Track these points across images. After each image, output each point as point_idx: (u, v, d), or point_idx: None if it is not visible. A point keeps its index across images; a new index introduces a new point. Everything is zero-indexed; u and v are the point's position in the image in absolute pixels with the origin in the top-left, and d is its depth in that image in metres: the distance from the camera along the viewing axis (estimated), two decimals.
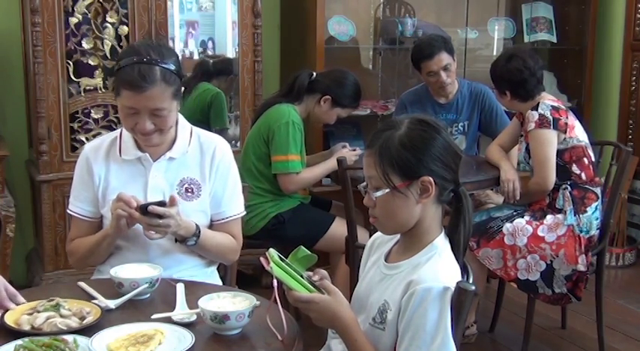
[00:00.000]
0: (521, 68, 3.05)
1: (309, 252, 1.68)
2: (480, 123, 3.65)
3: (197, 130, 2.24)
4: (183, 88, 2.11)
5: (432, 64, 3.44)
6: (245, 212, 2.29)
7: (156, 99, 2.00)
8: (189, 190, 2.15)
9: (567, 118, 3.05)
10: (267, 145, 3.16)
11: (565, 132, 3.02)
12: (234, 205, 2.23)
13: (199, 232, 2.07)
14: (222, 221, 2.21)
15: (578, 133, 3.06)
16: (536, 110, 3.03)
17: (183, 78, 2.11)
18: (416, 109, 3.59)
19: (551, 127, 3.00)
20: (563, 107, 3.09)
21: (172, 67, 2.03)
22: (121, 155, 2.15)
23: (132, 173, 2.15)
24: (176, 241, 2.09)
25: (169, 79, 2.01)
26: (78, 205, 2.17)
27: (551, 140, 3.01)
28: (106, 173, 2.15)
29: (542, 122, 3.00)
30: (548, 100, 3.08)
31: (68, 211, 2.21)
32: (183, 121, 2.20)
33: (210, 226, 2.20)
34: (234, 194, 2.23)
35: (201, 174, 2.17)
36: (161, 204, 1.98)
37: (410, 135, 1.60)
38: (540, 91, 3.11)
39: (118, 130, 2.20)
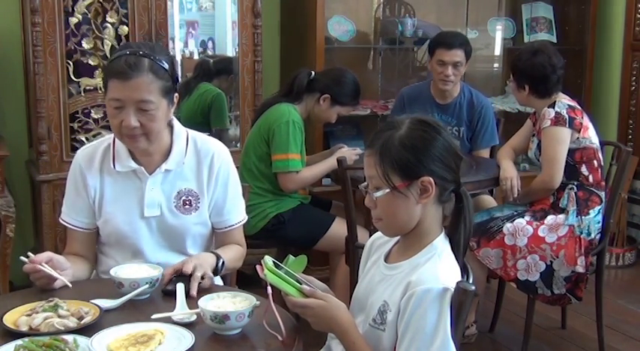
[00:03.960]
0: (546, 64, 3.05)
1: (294, 257, 1.69)
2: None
3: (193, 134, 2.16)
4: (177, 95, 2.03)
5: (446, 55, 3.45)
6: (247, 218, 2.27)
7: (142, 89, 1.92)
8: (187, 203, 2.10)
9: (582, 118, 3.05)
10: (268, 144, 3.16)
11: (579, 131, 3.02)
12: (237, 213, 2.21)
13: (220, 257, 2.04)
14: (226, 229, 2.20)
15: (591, 135, 3.06)
16: (553, 108, 3.03)
17: (177, 81, 2.03)
18: (414, 105, 3.59)
19: (567, 125, 2.99)
20: (579, 107, 3.09)
21: (164, 64, 1.97)
22: (114, 167, 2.07)
23: (127, 186, 2.08)
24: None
25: (158, 72, 1.95)
26: (73, 217, 2.10)
27: (564, 139, 3.01)
28: (100, 185, 2.09)
29: (558, 120, 3.00)
30: (565, 100, 3.08)
31: (61, 221, 2.13)
32: (178, 128, 2.12)
33: (213, 234, 2.20)
34: (236, 201, 2.20)
35: (198, 184, 2.11)
36: (179, 279, 1.88)
37: (410, 135, 1.60)
38: (558, 91, 3.11)
39: (111, 137, 2.12)
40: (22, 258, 1.91)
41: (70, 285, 1.87)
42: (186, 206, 2.10)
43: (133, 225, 2.08)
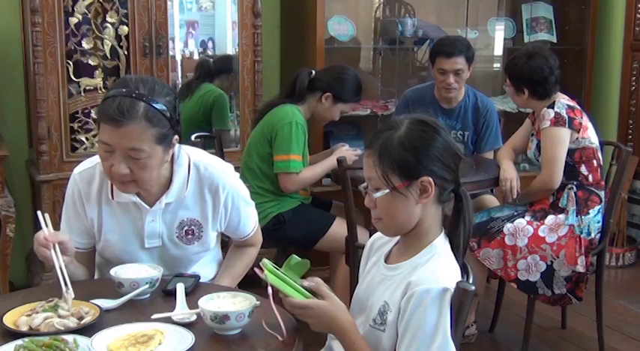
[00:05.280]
0: (544, 67, 3.05)
1: (300, 259, 1.68)
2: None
3: (196, 159, 2.05)
4: (177, 137, 1.93)
5: (446, 63, 3.41)
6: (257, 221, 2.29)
7: (133, 138, 1.80)
8: (190, 233, 2.06)
9: (582, 118, 3.05)
10: (270, 144, 3.16)
11: (578, 131, 3.02)
12: (250, 222, 2.22)
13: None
14: (244, 239, 2.24)
15: (591, 135, 3.06)
16: (552, 108, 3.03)
17: (178, 123, 1.92)
18: (418, 109, 3.56)
19: (566, 125, 2.99)
20: (578, 107, 3.09)
21: (162, 107, 1.85)
22: (113, 197, 2.00)
23: (126, 217, 2.02)
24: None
25: (153, 119, 1.82)
26: (72, 238, 1.99)
27: (563, 139, 3.01)
28: (98, 215, 2.03)
29: (557, 120, 3.00)
30: (564, 100, 3.08)
31: None
32: (181, 157, 2.02)
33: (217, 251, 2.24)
34: (248, 213, 2.20)
35: (202, 213, 2.06)
36: (179, 279, 1.90)
37: (409, 135, 1.60)
38: (556, 91, 3.11)
39: None
40: (40, 215, 1.88)
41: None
42: (189, 236, 2.06)
43: (134, 255, 2.05)
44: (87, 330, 1.62)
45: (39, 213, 1.90)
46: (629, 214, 4.53)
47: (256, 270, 1.60)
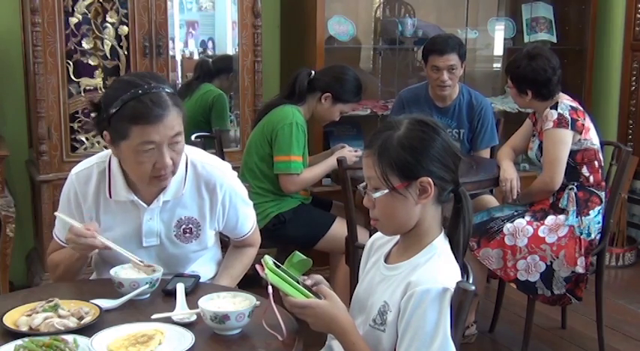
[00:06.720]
0: (546, 68, 3.04)
1: (304, 256, 1.68)
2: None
3: (193, 158, 2.05)
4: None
5: (440, 61, 3.42)
6: (255, 221, 2.28)
7: (174, 124, 1.85)
8: (188, 231, 2.05)
9: (585, 119, 3.05)
10: (271, 145, 3.16)
11: (581, 133, 3.02)
12: (248, 222, 2.22)
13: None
14: (242, 238, 2.24)
15: (592, 136, 3.06)
16: (555, 109, 3.03)
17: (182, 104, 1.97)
18: (414, 109, 3.57)
19: (569, 127, 2.99)
20: (580, 108, 3.09)
21: (173, 90, 1.92)
22: (110, 196, 2.01)
23: (124, 216, 2.02)
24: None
25: (177, 101, 1.89)
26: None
27: (566, 141, 3.00)
28: (96, 215, 2.03)
29: (560, 122, 2.99)
30: (567, 100, 3.08)
31: (55, 237, 2.09)
32: None
33: (216, 250, 2.23)
34: (246, 213, 2.20)
35: (199, 212, 2.06)
36: (179, 279, 1.90)
37: (409, 136, 1.60)
38: (559, 91, 3.11)
39: (107, 157, 2.03)
40: (59, 214, 1.98)
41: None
42: (187, 234, 2.06)
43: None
44: (87, 330, 1.62)
45: (57, 213, 1.99)
46: (629, 214, 4.53)
47: (257, 267, 1.60)
